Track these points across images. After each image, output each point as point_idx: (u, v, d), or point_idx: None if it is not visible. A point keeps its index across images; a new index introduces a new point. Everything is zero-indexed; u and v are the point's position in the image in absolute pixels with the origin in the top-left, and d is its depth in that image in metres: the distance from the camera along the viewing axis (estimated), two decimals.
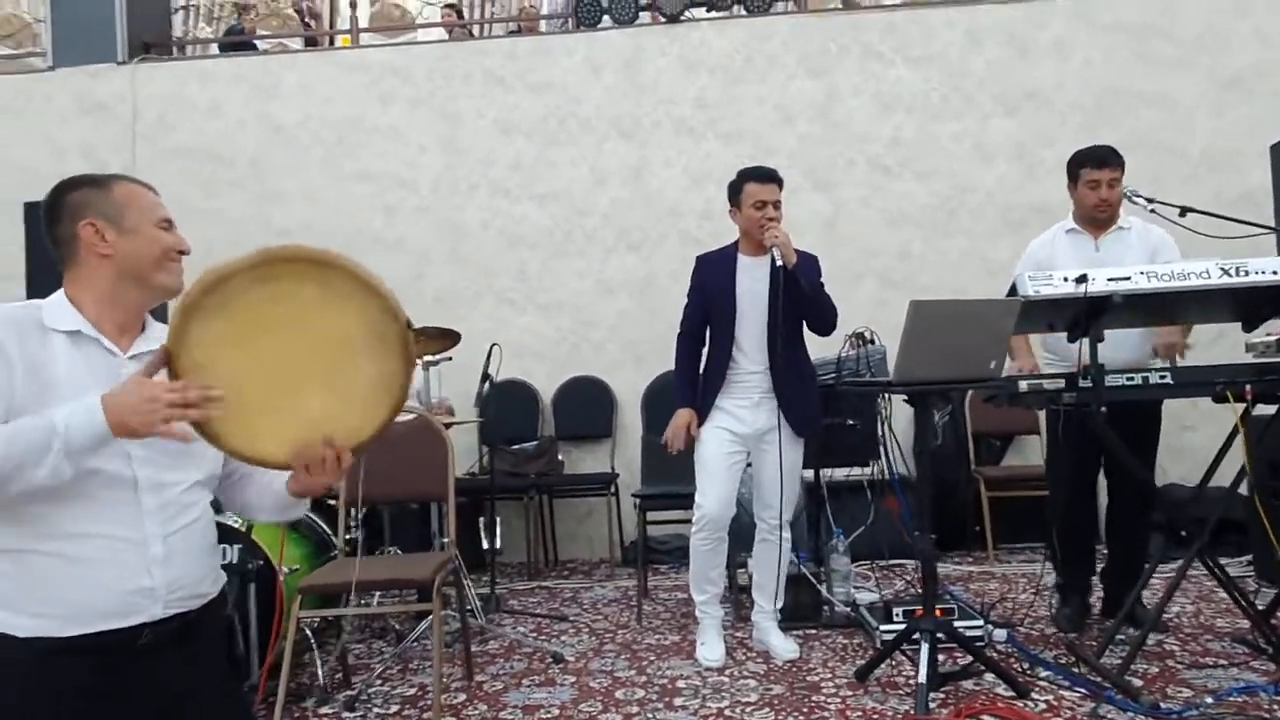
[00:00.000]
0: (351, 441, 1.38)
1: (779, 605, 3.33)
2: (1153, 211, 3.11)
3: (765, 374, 3.17)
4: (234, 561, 2.96)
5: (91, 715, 1.35)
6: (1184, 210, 3.06)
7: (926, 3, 5.34)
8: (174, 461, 1.41)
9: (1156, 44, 5.05)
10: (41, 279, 3.77)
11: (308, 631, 3.10)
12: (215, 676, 1.51)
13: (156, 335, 1.46)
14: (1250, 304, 2.82)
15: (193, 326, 1.26)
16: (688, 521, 3.35)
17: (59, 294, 1.43)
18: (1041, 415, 4.71)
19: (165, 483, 1.40)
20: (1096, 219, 3.28)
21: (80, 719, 1.34)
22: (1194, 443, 4.34)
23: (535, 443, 5.02)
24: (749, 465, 3.27)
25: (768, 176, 3.16)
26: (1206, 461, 2.99)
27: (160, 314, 1.53)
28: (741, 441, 3.20)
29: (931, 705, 2.58)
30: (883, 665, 2.94)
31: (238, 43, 6.32)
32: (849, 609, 3.58)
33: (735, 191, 3.22)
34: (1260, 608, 2.95)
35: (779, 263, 3.03)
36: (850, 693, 2.83)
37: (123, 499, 1.36)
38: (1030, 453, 4.94)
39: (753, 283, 3.17)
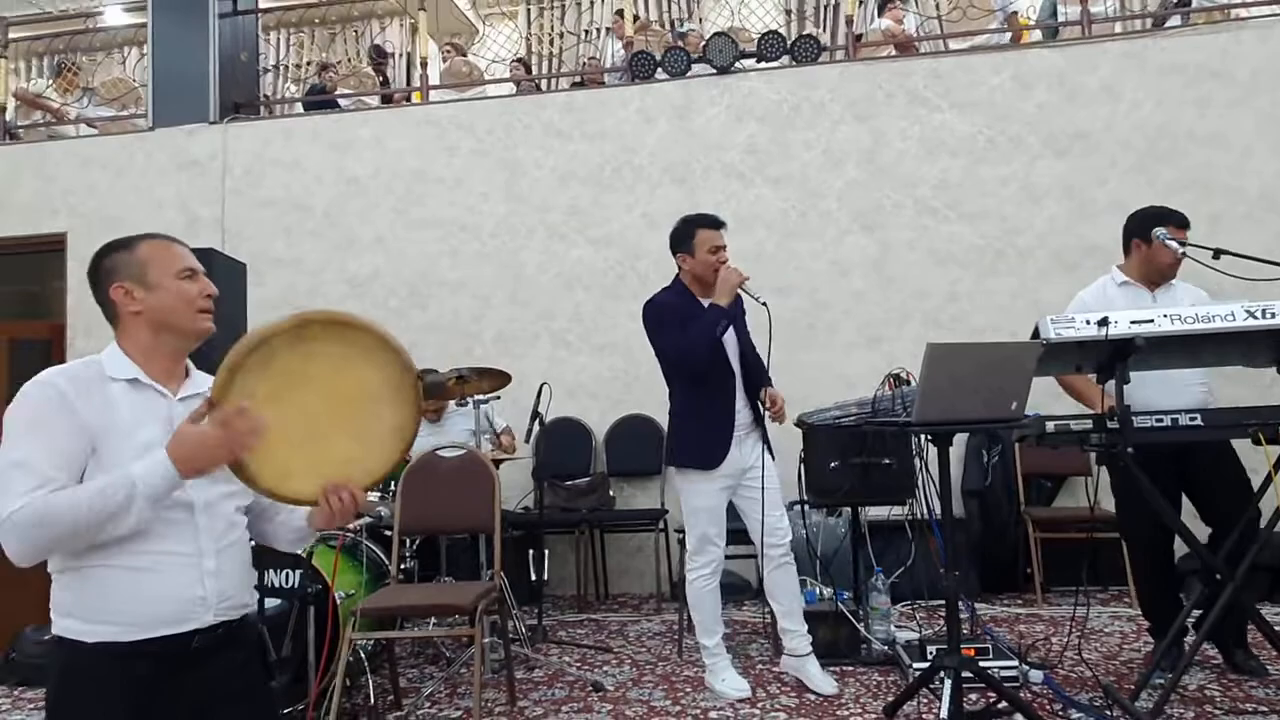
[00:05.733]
0: (367, 481, 1.56)
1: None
2: (1183, 255, 3.12)
3: (746, 409, 3.33)
4: (295, 585, 3.19)
5: (148, 713, 1.51)
6: (1218, 253, 3.06)
7: (973, 50, 5.41)
8: (224, 484, 1.59)
9: (1210, 85, 5.02)
10: None
11: (361, 654, 3.28)
12: (256, 679, 1.68)
13: (202, 381, 1.64)
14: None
15: (236, 381, 1.44)
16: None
17: (113, 346, 1.61)
18: (1093, 460, 4.67)
19: (217, 503, 1.60)
20: (1165, 276, 3.30)
21: (139, 716, 1.51)
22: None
23: (588, 479, 5.18)
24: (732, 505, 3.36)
25: (719, 223, 3.32)
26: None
27: (196, 358, 1.70)
28: (729, 479, 3.31)
29: None
30: (913, 702, 2.98)
31: (320, 101, 6.75)
32: (887, 647, 3.61)
33: (686, 238, 3.32)
34: None
35: (761, 299, 3.18)
36: None
37: (182, 519, 1.55)
38: (1081, 494, 4.87)
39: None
